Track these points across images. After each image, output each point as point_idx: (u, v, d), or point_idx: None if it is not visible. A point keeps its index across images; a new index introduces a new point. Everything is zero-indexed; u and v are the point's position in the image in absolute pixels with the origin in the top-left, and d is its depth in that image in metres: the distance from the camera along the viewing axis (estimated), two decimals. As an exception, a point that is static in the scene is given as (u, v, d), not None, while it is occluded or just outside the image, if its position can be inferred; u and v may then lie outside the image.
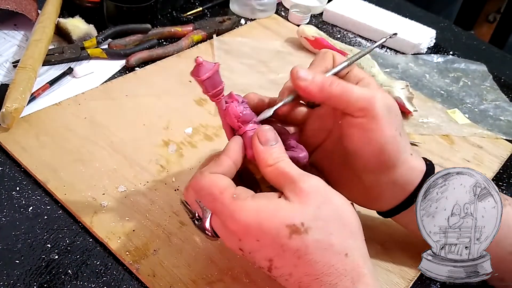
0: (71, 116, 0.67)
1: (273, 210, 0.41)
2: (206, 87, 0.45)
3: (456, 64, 0.94)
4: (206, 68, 0.44)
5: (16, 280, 0.49)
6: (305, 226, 0.40)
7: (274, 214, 0.41)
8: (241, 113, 0.46)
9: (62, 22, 0.80)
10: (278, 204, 0.41)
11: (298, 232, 0.40)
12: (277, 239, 0.40)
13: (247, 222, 0.41)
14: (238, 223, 0.41)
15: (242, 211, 0.41)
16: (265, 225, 0.40)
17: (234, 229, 0.42)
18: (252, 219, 0.41)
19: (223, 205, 0.42)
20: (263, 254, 0.42)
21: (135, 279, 0.51)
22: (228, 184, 0.43)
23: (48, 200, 0.57)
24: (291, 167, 0.43)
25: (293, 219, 0.40)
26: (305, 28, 0.89)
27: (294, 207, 0.41)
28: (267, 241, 0.41)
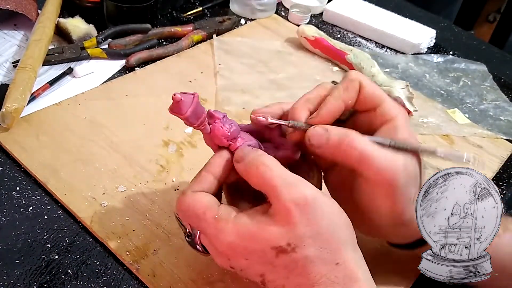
0: (71, 116, 0.67)
1: (256, 232, 0.40)
2: (190, 122, 0.44)
3: (456, 64, 0.94)
4: (187, 103, 0.43)
5: (16, 280, 0.49)
6: (292, 245, 0.39)
7: (257, 237, 0.40)
8: (228, 131, 0.45)
9: (62, 22, 0.80)
10: (261, 225, 0.40)
11: (285, 252, 0.39)
12: (264, 259, 0.40)
13: (232, 244, 0.40)
14: (224, 244, 0.41)
15: (225, 233, 0.40)
16: (249, 247, 0.40)
17: (221, 249, 0.42)
18: (236, 239, 0.40)
19: (208, 225, 0.41)
20: (253, 271, 0.42)
21: (135, 279, 0.51)
22: (210, 203, 0.42)
23: (48, 200, 0.57)
24: (274, 170, 0.41)
25: (278, 241, 0.39)
26: (305, 28, 0.89)
27: (278, 229, 0.39)
28: (255, 259, 0.41)
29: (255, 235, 0.40)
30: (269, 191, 0.40)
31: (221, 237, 0.41)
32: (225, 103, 0.74)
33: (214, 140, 0.46)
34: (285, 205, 0.39)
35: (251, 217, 0.41)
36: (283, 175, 0.40)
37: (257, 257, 0.40)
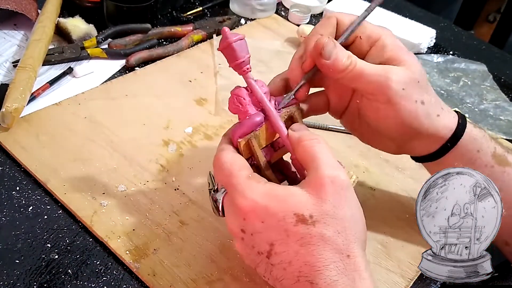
0: (71, 115, 0.67)
1: (284, 195, 0.41)
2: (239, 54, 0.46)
3: (456, 64, 0.94)
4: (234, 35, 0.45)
5: (16, 280, 0.49)
6: (313, 219, 0.40)
7: (284, 199, 0.41)
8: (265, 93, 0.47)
9: (62, 21, 0.80)
10: (290, 191, 0.41)
11: (304, 222, 0.40)
12: (282, 223, 0.40)
13: (255, 200, 0.41)
14: (247, 199, 0.41)
15: (253, 190, 0.41)
16: (272, 207, 0.40)
17: (242, 205, 0.42)
18: (261, 198, 0.41)
19: (237, 181, 0.42)
20: (265, 236, 0.41)
21: (135, 279, 0.51)
22: (247, 166, 0.44)
23: (48, 199, 0.57)
24: (324, 152, 0.43)
25: (302, 209, 0.40)
26: (305, 28, 0.89)
27: (307, 198, 0.40)
28: (271, 223, 0.41)
29: (282, 197, 0.41)
30: (311, 162, 0.42)
31: (247, 192, 0.41)
32: (225, 103, 0.74)
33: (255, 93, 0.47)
34: (322, 178, 0.41)
35: (282, 186, 0.42)
36: (329, 156, 0.43)
37: (275, 221, 0.40)
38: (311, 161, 0.42)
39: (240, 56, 0.45)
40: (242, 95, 0.47)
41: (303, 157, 0.44)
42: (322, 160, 0.42)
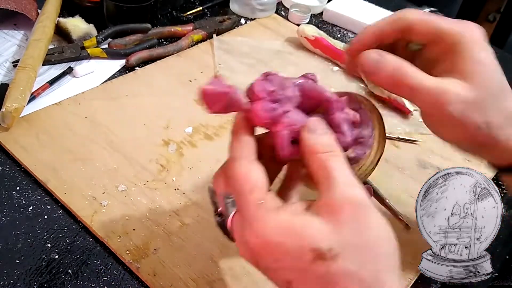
0: (71, 115, 0.67)
1: (298, 228, 0.35)
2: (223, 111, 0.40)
3: (456, 64, 0.93)
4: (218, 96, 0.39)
5: (16, 279, 0.49)
6: (333, 252, 0.34)
7: (299, 234, 0.35)
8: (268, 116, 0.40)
9: (62, 21, 0.80)
10: (306, 221, 0.35)
11: (323, 258, 0.34)
12: (298, 263, 0.35)
13: (266, 238, 0.35)
14: (256, 236, 0.36)
15: (263, 225, 0.36)
16: (286, 245, 0.35)
17: (251, 241, 0.36)
18: (273, 234, 0.35)
19: (247, 208, 0.37)
20: (281, 275, 0.36)
21: (135, 279, 0.51)
22: (261, 184, 0.38)
23: (48, 199, 0.57)
24: (339, 167, 0.37)
25: (319, 242, 0.34)
26: (305, 28, 0.89)
27: (324, 228, 0.35)
28: (287, 263, 0.35)
29: (298, 230, 0.35)
30: (324, 180, 0.37)
31: (256, 226, 0.36)
32: (225, 102, 0.74)
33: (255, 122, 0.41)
34: (338, 200, 0.35)
35: (296, 212, 0.36)
36: (345, 171, 0.37)
37: (290, 259, 0.35)
38: (325, 179, 0.37)
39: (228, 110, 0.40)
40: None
41: (315, 172, 0.38)
42: (337, 178, 0.36)
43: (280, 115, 0.40)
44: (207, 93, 0.39)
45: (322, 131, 0.39)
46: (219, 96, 0.39)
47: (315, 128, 0.39)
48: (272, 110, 0.39)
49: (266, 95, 0.40)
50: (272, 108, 0.39)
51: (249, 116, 0.40)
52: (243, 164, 0.38)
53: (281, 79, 0.41)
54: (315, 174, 0.38)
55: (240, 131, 0.40)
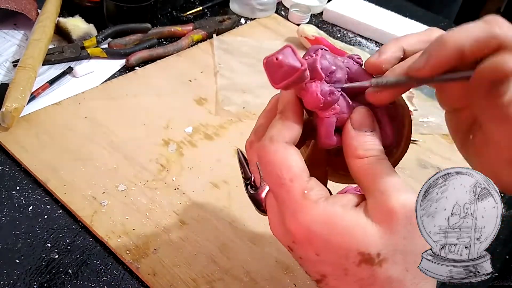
0: (71, 115, 0.67)
1: (348, 227, 0.33)
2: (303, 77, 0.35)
3: (456, 64, 0.93)
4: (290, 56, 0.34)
5: (16, 279, 0.49)
6: (380, 257, 0.33)
7: (349, 233, 0.33)
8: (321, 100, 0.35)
9: (62, 21, 0.80)
10: (357, 221, 0.33)
11: (370, 262, 0.33)
12: (342, 261, 0.33)
13: (311, 230, 0.33)
14: (300, 226, 0.34)
15: (309, 215, 0.33)
16: (333, 242, 0.33)
17: (293, 229, 0.34)
18: (319, 227, 0.33)
19: (289, 197, 0.34)
20: (318, 267, 0.35)
21: (135, 278, 0.51)
22: (301, 171, 0.35)
23: (48, 199, 0.57)
24: (386, 172, 0.35)
25: (370, 246, 0.33)
26: (305, 28, 0.89)
27: (375, 232, 0.33)
28: (329, 258, 0.34)
29: (347, 230, 0.33)
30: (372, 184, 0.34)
31: (301, 217, 0.33)
32: (225, 102, 0.74)
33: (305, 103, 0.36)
34: (392, 204, 0.33)
35: (346, 209, 0.34)
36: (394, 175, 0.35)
37: (334, 257, 0.33)
38: (373, 183, 0.34)
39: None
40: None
41: (359, 176, 0.35)
42: (388, 182, 0.34)
43: (336, 100, 0.36)
44: (276, 65, 0.34)
45: (369, 129, 0.36)
46: (290, 71, 0.34)
47: (361, 124, 0.36)
48: (330, 94, 0.35)
49: (326, 75, 0.36)
50: (331, 91, 0.35)
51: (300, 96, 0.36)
52: (281, 149, 0.35)
53: (333, 58, 0.37)
54: (359, 178, 0.35)
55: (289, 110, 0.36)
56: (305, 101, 0.36)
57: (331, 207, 0.34)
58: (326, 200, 0.34)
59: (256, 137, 0.38)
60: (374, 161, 0.35)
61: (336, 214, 0.33)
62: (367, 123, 0.36)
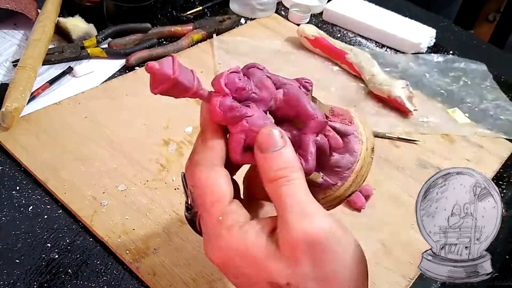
0: (71, 115, 0.67)
1: (257, 258, 0.34)
2: (182, 87, 0.36)
3: (456, 64, 0.94)
4: (167, 65, 0.36)
5: (16, 279, 0.49)
6: (291, 286, 0.33)
7: (257, 264, 0.34)
8: (224, 113, 0.36)
9: (62, 21, 0.80)
10: (264, 252, 0.34)
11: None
12: (256, 287, 0.35)
13: (226, 256, 0.35)
14: (217, 251, 0.35)
15: (223, 242, 0.35)
16: (244, 270, 0.34)
17: (211, 257, 0.36)
18: (232, 256, 0.34)
19: (208, 220, 0.36)
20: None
21: (135, 278, 0.51)
22: (223, 195, 0.35)
23: (48, 199, 0.57)
24: (293, 195, 0.34)
25: (277, 278, 0.33)
26: (305, 28, 0.89)
27: (282, 264, 0.33)
28: (244, 283, 0.35)
29: (254, 262, 0.34)
30: (279, 210, 0.34)
31: (217, 242, 0.35)
32: (225, 102, 0.74)
33: (211, 115, 0.37)
34: (293, 238, 0.33)
35: (257, 237, 0.34)
36: (302, 201, 0.34)
37: (248, 283, 0.35)
38: (279, 208, 0.34)
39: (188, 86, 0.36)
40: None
41: (272, 198, 0.35)
42: (292, 207, 0.33)
43: (240, 117, 0.36)
44: (150, 71, 0.35)
45: (275, 148, 0.35)
46: (163, 78, 0.35)
47: (268, 145, 0.35)
48: (230, 109, 0.35)
49: (232, 91, 0.36)
50: (231, 107, 0.35)
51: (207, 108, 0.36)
52: (205, 172, 0.36)
53: (261, 77, 0.37)
54: (272, 200, 0.35)
55: (207, 130, 0.37)
56: (213, 116, 0.36)
57: (243, 234, 0.34)
58: (240, 227, 0.35)
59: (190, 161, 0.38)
60: (283, 183, 0.34)
61: (246, 243, 0.34)
62: (271, 143, 0.35)
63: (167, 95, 0.36)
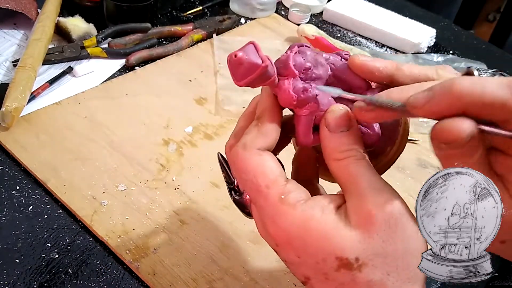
0: (71, 115, 0.67)
1: (326, 231, 0.33)
2: (268, 74, 0.35)
3: (456, 63, 0.93)
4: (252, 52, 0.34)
5: (16, 279, 0.49)
6: (360, 262, 0.32)
7: (326, 238, 0.33)
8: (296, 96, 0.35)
9: (62, 21, 0.80)
10: (334, 225, 0.33)
11: (349, 267, 0.32)
12: (321, 266, 0.33)
13: (290, 233, 0.33)
14: (280, 230, 0.34)
15: (287, 220, 0.33)
16: (311, 246, 0.33)
17: (273, 233, 0.35)
18: (297, 231, 0.33)
19: (266, 203, 0.34)
20: (301, 270, 0.35)
21: (135, 278, 0.51)
22: (278, 176, 0.34)
23: (48, 199, 0.57)
24: (364, 173, 0.34)
25: (347, 252, 0.32)
26: (305, 27, 0.89)
27: (352, 236, 0.32)
28: (308, 261, 0.34)
29: (324, 235, 0.33)
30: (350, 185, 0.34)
31: (280, 221, 0.34)
32: (226, 102, 0.74)
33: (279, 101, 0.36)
34: (369, 208, 0.32)
35: (324, 211, 0.33)
36: (373, 176, 0.34)
37: (313, 261, 0.33)
38: (350, 185, 0.34)
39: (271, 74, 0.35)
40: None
41: (339, 177, 0.34)
42: (365, 184, 0.33)
43: (312, 98, 0.35)
44: (236, 62, 0.34)
45: (345, 128, 0.34)
46: (251, 68, 0.34)
47: (336, 125, 0.34)
48: (303, 91, 0.35)
49: (301, 72, 0.35)
50: (305, 88, 0.35)
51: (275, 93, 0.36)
52: (254, 156, 0.35)
53: (314, 54, 0.36)
54: (338, 180, 0.35)
55: (265, 115, 0.36)
56: (279, 99, 0.36)
57: (309, 210, 0.33)
58: (305, 202, 0.34)
59: (235, 141, 0.37)
60: (352, 162, 0.34)
61: (313, 218, 0.33)
62: (341, 123, 0.34)
63: (248, 86, 0.35)
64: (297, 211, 0.33)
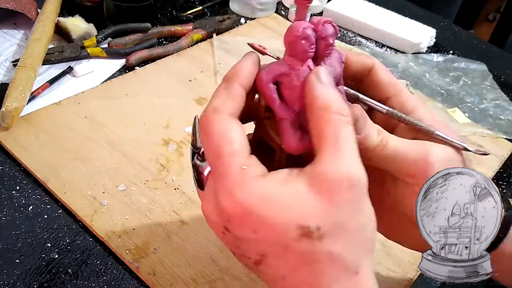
0: (71, 115, 0.67)
1: (287, 199, 0.32)
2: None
3: (456, 63, 0.94)
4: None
5: (16, 279, 0.49)
6: (320, 231, 0.31)
7: (287, 206, 0.31)
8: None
9: (62, 21, 0.80)
10: (295, 191, 0.32)
11: (310, 236, 0.31)
12: (281, 237, 0.32)
13: (247, 206, 0.32)
14: (236, 203, 0.32)
15: (246, 190, 0.32)
16: (271, 217, 0.32)
17: (228, 206, 0.33)
18: (256, 204, 0.32)
19: (225, 171, 0.33)
20: (256, 247, 0.33)
21: (135, 278, 0.51)
22: (242, 147, 0.33)
23: (48, 199, 0.57)
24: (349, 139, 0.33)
25: (309, 219, 0.31)
26: (305, 27, 0.89)
27: (316, 204, 0.31)
28: (267, 235, 0.32)
29: (285, 203, 0.32)
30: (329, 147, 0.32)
31: (237, 192, 0.32)
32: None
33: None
34: (341, 176, 0.31)
35: (283, 182, 0.32)
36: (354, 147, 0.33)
37: (272, 234, 0.32)
38: (334, 143, 0.32)
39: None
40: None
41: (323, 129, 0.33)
42: (345, 151, 0.32)
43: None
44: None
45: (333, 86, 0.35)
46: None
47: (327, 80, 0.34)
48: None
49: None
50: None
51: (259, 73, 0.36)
52: (224, 121, 0.34)
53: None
54: (319, 133, 0.33)
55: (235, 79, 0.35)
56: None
57: (269, 182, 0.32)
58: (264, 176, 0.33)
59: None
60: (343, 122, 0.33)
61: (274, 189, 0.32)
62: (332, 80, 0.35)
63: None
64: (256, 184, 0.32)
